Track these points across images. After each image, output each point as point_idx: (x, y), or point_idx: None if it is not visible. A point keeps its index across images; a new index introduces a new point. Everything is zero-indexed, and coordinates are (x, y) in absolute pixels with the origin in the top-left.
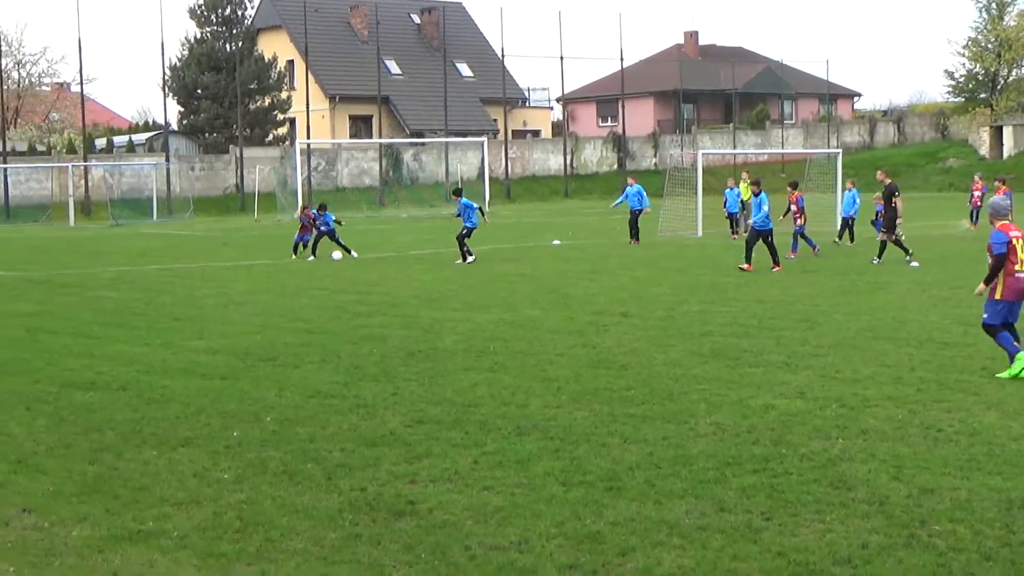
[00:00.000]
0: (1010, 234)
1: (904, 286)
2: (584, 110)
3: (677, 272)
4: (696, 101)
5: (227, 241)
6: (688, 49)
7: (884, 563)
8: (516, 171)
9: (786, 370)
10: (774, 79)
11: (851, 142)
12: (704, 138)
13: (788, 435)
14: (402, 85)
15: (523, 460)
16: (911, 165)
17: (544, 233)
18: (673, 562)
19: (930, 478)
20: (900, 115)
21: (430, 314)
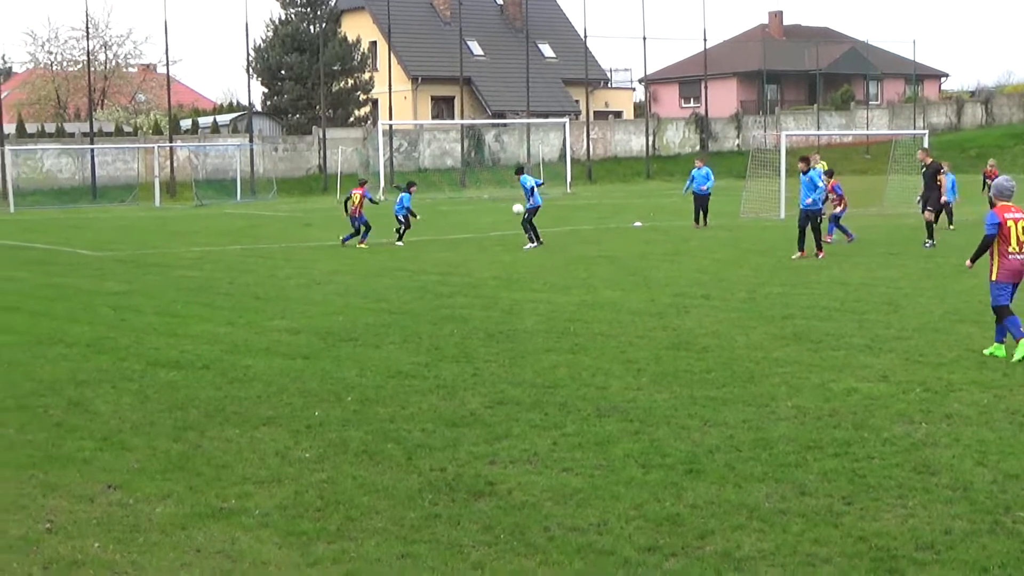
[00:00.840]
0: (1005, 216)
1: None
2: (666, 91)
3: (759, 254)
4: (780, 82)
5: (309, 222)
6: (772, 29)
7: (967, 549)
8: (598, 152)
9: (869, 353)
10: (859, 59)
11: (938, 123)
12: (788, 119)
13: (870, 419)
14: (484, 66)
15: (602, 442)
16: (999, 147)
17: (625, 215)
18: (752, 545)
19: (1015, 464)
20: (988, 96)
21: (510, 295)
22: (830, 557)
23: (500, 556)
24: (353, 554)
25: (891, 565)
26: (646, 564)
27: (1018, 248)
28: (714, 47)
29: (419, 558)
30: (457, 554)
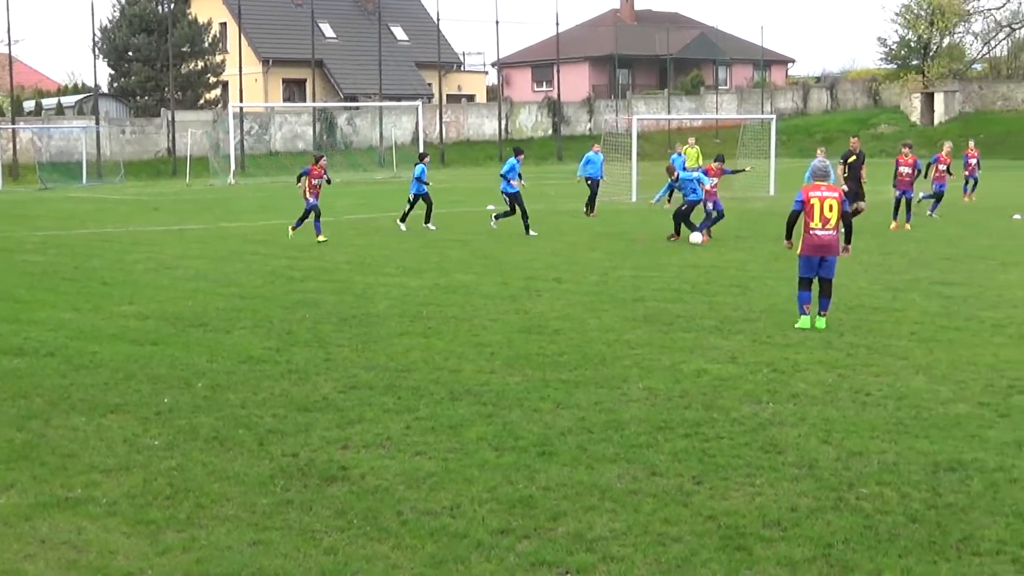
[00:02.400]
0: (810, 194)
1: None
2: (519, 75)
3: (611, 237)
4: (631, 66)
5: (157, 206)
6: (624, 14)
7: (813, 525)
8: (451, 136)
9: (718, 335)
10: (709, 45)
11: (785, 108)
12: (639, 103)
13: (720, 399)
14: (336, 49)
15: (456, 425)
16: (844, 131)
17: (480, 199)
18: (605, 526)
19: (858, 442)
20: (833, 81)
21: (363, 279)
22: (680, 536)
23: (353, 541)
24: (203, 542)
25: (739, 543)
26: (499, 546)
27: (820, 224)
28: (566, 31)
29: (271, 545)
30: (310, 540)
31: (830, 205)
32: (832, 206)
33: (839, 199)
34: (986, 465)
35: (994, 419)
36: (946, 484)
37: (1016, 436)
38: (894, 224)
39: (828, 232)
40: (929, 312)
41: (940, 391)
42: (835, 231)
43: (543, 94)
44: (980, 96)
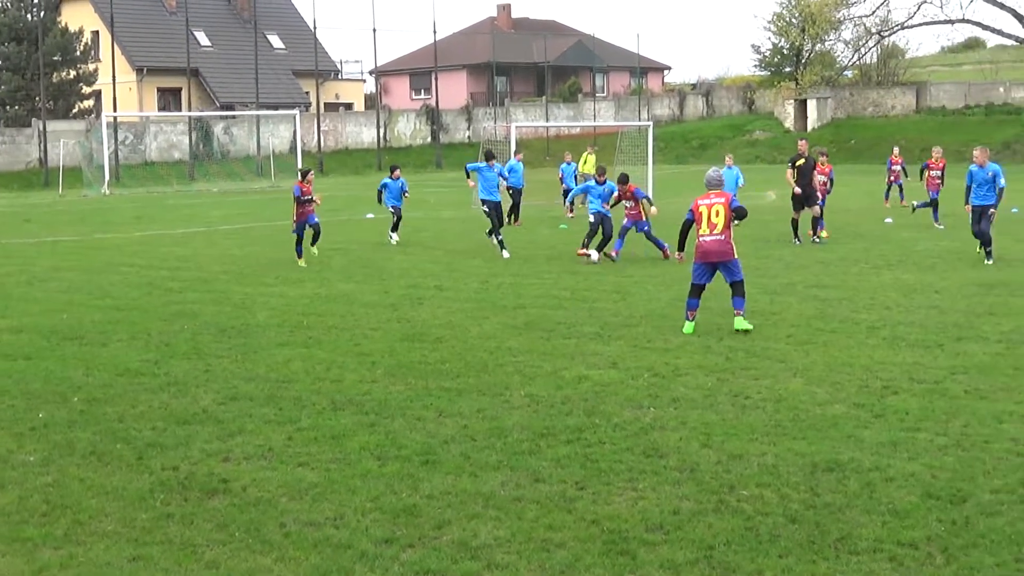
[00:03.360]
0: (699, 202)
1: None
2: (397, 83)
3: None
4: (509, 74)
5: (29, 217)
6: (501, 22)
7: (694, 528)
8: (329, 144)
9: (599, 341)
10: (586, 52)
11: (661, 115)
12: (517, 111)
13: (601, 405)
14: (212, 57)
15: (338, 435)
16: (720, 138)
17: (358, 207)
18: (489, 533)
19: (738, 444)
20: (709, 88)
21: (242, 289)
22: (564, 542)
23: (235, 554)
24: (82, 559)
25: (623, 547)
26: (383, 556)
27: (708, 230)
28: (444, 39)
29: (151, 560)
30: (191, 554)
31: (716, 211)
32: (719, 211)
33: (726, 204)
34: (862, 465)
35: (869, 419)
36: (824, 484)
37: (891, 436)
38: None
39: (715, 237)
40: (805, 315)
41: (817, 393)
42: (724, 235)
43: (421, 102)
44: (851, 102)
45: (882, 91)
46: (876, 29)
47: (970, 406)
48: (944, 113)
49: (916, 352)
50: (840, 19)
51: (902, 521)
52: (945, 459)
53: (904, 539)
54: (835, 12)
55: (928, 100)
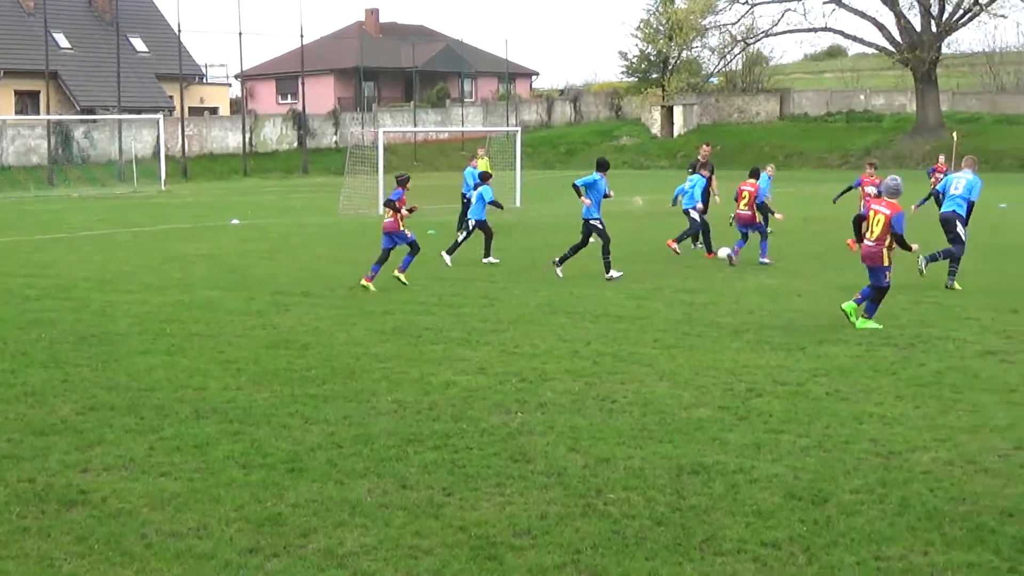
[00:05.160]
0: (872, 206)
1: (584, 262)
2: (263, 87)
3: (359, 250)
4: (377, 79)
5: None
6: (369, 27)
7: (562, 532)
8: (193, 149)
9: (466, 346)
10: (454, 57)
11: (529, 120)
12: (385, 116)
13: (469, 410)
14: (71, 59)
15: (201, 444)
16: (587, 143)
17: (223, 212)
18: (355, 541)
19: (605, 448)
20: (576, 94)
21: (103, 297)
22: (431, 548)
23: (94, 567)
24: None
25: (490, 552)
26: (247, 566)
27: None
28: (311, 43)
29: (7, 574)
30: (48, 567)
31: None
32: (880, 220)
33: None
34: (727, 467)
35: (734, 422)
36: (689, 487)
37: (755, 438)
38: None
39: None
40: (672, 319)
41: (683, 396)
42: (877, 243)
43: (288, 107)
44: (717, 109)
45: (747, 98)
46: (741, 37)
47: (831, 408)
48: (807, 120)
49: (779, 355)
50: (706, 26)
51: (765, 522)
52: (807, 460)
53: (767, 539)
54: (701, 20)
55: (792, 107)
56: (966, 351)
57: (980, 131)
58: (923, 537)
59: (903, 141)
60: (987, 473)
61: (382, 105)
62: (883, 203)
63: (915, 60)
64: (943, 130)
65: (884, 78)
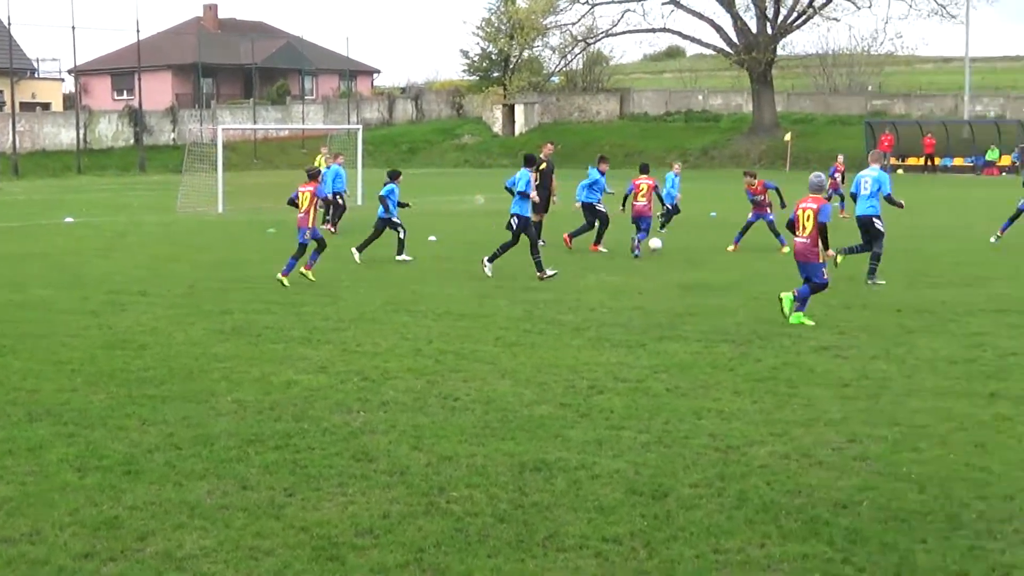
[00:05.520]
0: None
1: (425, 260)
2: (98, 83)
3: (198, 249)
4: (216, 75)
5: None
6: (207, 22)
7: (405, 531)
8: (25, 146)
9: (308, 345)
10: (295, 54)
11: (371, 118)
12: (224, 113)
13: (310, 410)
14: None
15: (34, 447)
16: (429, 142)
17: (57, 210)
18: (195, 543)
19: (448, 446)
20: (418, 92)
21: None
22: (272, 549)
23: None
24: None
25: (332, 552)
26: (83, 571)
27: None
28: (148, 39)
29: None
30: None
31: (808, 215)
32: (810, 216)
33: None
34: (569, 464)
35: (575, 419)
36: (532, 484)
37: (596, 434)
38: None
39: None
40: (514, 317)
41: (525, 394)
42: (810, 239)
43: (124, 103)
44: (558, 108)
45: (588, 97)
46: (582, 36)
47: (671, 404)
48: (647, 119)
49: (620, 352)
50: (547, 26)
51: (607, 517)
52: (648, 456)
53: (609, 535)
54: (542, 19)
55: (632, 106)
56: (801, 347)
57: (814, 131)
58: (760, 529)
59: (740, 141)
60: (821, 466)
61: (221, 102)
62: (809, 199)
63: (751, 61)
64: (778, 130)
65: (722, 79)
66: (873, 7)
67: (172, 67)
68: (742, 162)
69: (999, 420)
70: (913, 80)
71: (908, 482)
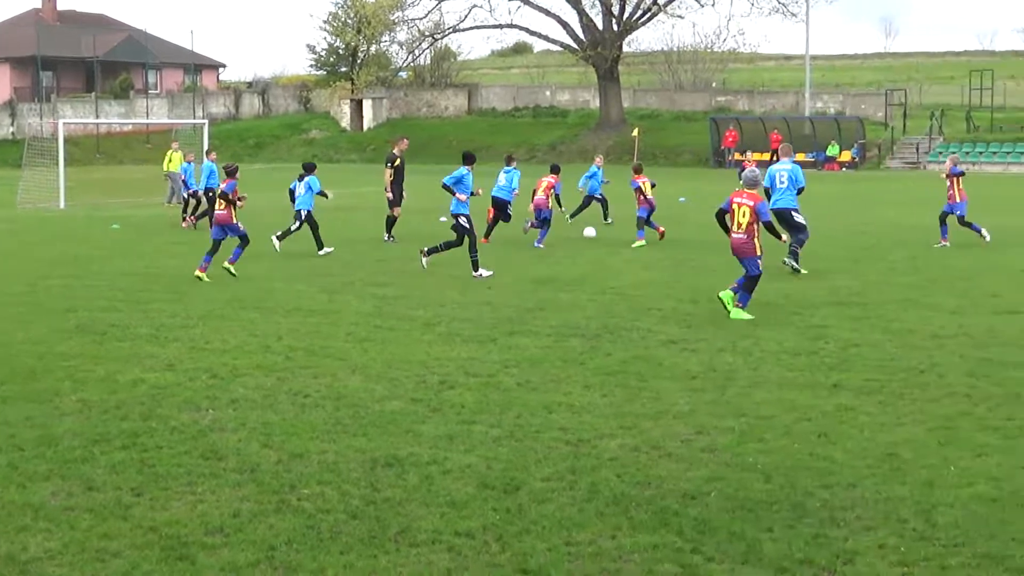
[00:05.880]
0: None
1: (273, 256)
2: None
3: (39, 245)
4: (56, 68)
5: None
6: (46, 14)
7: (256, 529)
8: None
9: (155, 343)
10: (138, 48)
11: (217, 113)
12: (65, 107)
13: (158, 408)
14: None
15: None
16: (276, 136)
17: None
18: (39, 546)
19: (299, 443)
20: (265, 87)
21: None
22: (120, 550)
23: None
24: None
25: (182, 552)
26: None
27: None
28: None
29: None
30: None
31: (744, 211)
32: (746, 212)
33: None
34: (421, 459)
35: (427, 414)
36: (384, 479)
37: (448, 429)
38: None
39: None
40: (364, 312)
41: (376, 389)
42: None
43: None
44: (407, 103)
45: (436, 92)
46: (429, 32)
47: (522, 398)
48: (495, 114)
49: (471, 347)
50: (395, 21)
51: (459, 512)
52: (499, 450)
53: (461, 529)
54: (390, 14)
55: (480, 102)
56: (650, 340)
57: (660, 127)
58: (611, 521)
59: (587, 136)
60: (670, 458)
61: (62, 96)
62: (744, 195)
63: (597, 58)
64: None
65: (569, 74)
66: (716, 5)
67: (10, 60)
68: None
69: (841, 410)
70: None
71: (754, 472)
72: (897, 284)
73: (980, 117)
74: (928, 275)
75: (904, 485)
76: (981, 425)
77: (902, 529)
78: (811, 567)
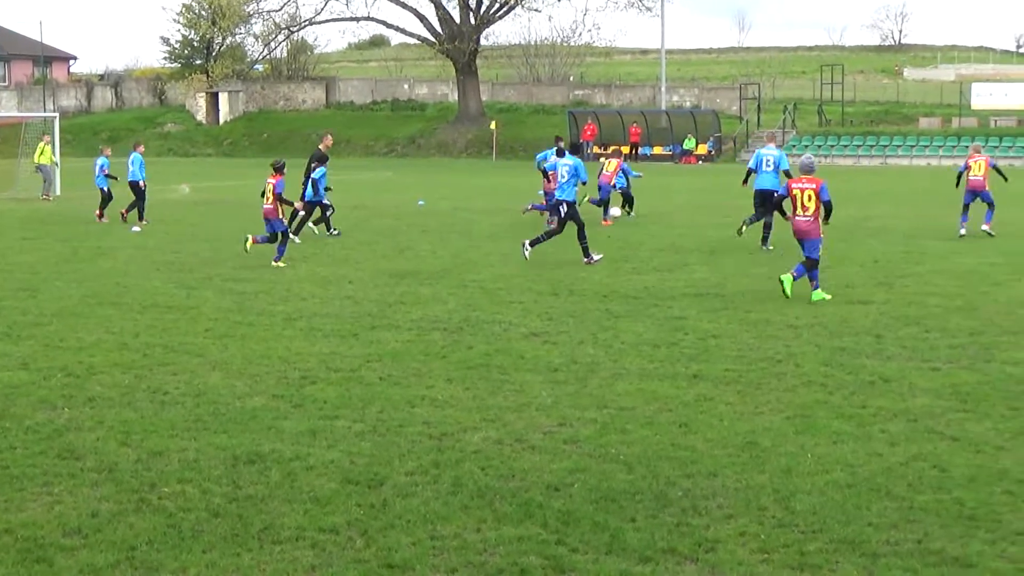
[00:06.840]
0: (792, 185)
1: (127, 251)
2: None
3: None
4: None
5: None
6: None
7: (115, 529)
8: None
9: (7, 341)
10: None
11: (68, 106)
12: None
13: (12, 408)
14: None
15: None
16: (130, 130)
17: None
18: None
19: (158, 441)
20: (118, 79)
21: None
22: None
23: None
24: None
25: (39, 554)
26: None
27: (801, 212)
28: None
29: None
30: None
31: (808, 195)
32: (810, 196)
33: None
34: (283, 455)
35: (289, 410)
36: (246, 476)
37: (310, 425)
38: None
39: (805, 218)
40: (223, 308)
41: (236, 386)
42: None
43: None
44: (263, 96)
45: (293, 85)
46: (285, 24)
47: (385, 392)
48: (353, 108)
49: (332, 342)
50: (250, 13)
51: (323, 508)
52: (363, 445)
53: (325, 525)
54: (245, 6)
55: (338, 95)
56: (512, 333)
57: (519, 120)
58: (476, 514)
59: (446, 129)
60: (534, 450)
61: None
62: (804, 180)
63: (455, 51)
64: (484, 119)
65: (427, 68)
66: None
67: None
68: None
69: (701, 400)
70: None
71: (617, 463)
72: (754, 275)
73: (831, 111)
74: (784, 265)
75: (763, 473)
76: (836, 413)
77: (762, 516)
78: (674, 556)
